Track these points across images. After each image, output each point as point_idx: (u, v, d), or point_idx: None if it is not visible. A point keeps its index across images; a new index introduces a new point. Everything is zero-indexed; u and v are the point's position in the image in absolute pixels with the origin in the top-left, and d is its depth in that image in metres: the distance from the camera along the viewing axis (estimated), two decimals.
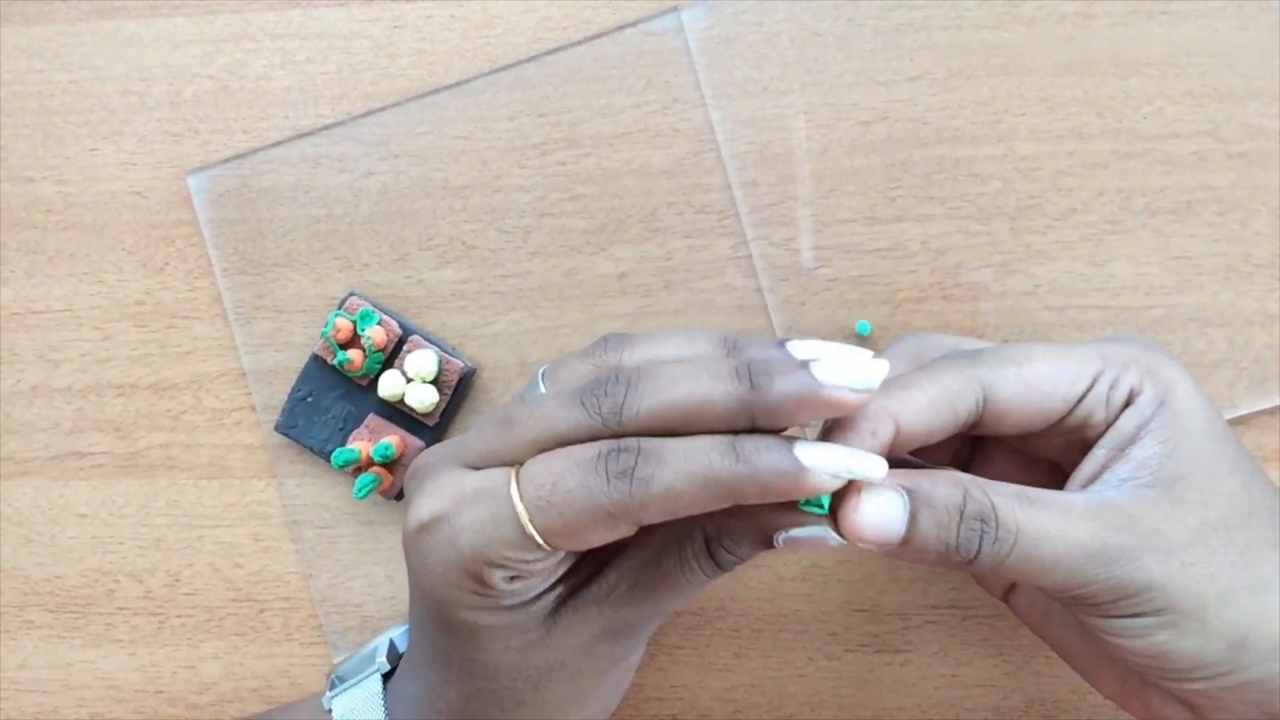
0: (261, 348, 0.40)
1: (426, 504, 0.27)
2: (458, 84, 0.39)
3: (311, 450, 0.39)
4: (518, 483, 0.26)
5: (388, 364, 0.38)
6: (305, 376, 0.39)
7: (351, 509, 0.40)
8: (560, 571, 0.28)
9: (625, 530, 0.26)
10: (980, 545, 0.25)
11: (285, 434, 0.39)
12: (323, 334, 0.38)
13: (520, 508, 0.25)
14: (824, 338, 0.37)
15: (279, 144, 0.40)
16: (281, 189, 0.40)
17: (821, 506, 0.26)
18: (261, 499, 0.40)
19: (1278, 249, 0.36)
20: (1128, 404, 0.27)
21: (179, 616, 0.40)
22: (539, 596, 0.28)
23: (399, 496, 0.39)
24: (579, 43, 0.39)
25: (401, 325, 0.38)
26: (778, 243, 0.38)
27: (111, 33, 0.41)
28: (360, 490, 0.37)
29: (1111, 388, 0.27)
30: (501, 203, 0.39)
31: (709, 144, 0.38)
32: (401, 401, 0.38)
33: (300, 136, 0.40)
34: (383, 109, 0.39)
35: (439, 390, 0.38)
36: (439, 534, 0.27)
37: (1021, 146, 0.37)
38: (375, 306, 0.38)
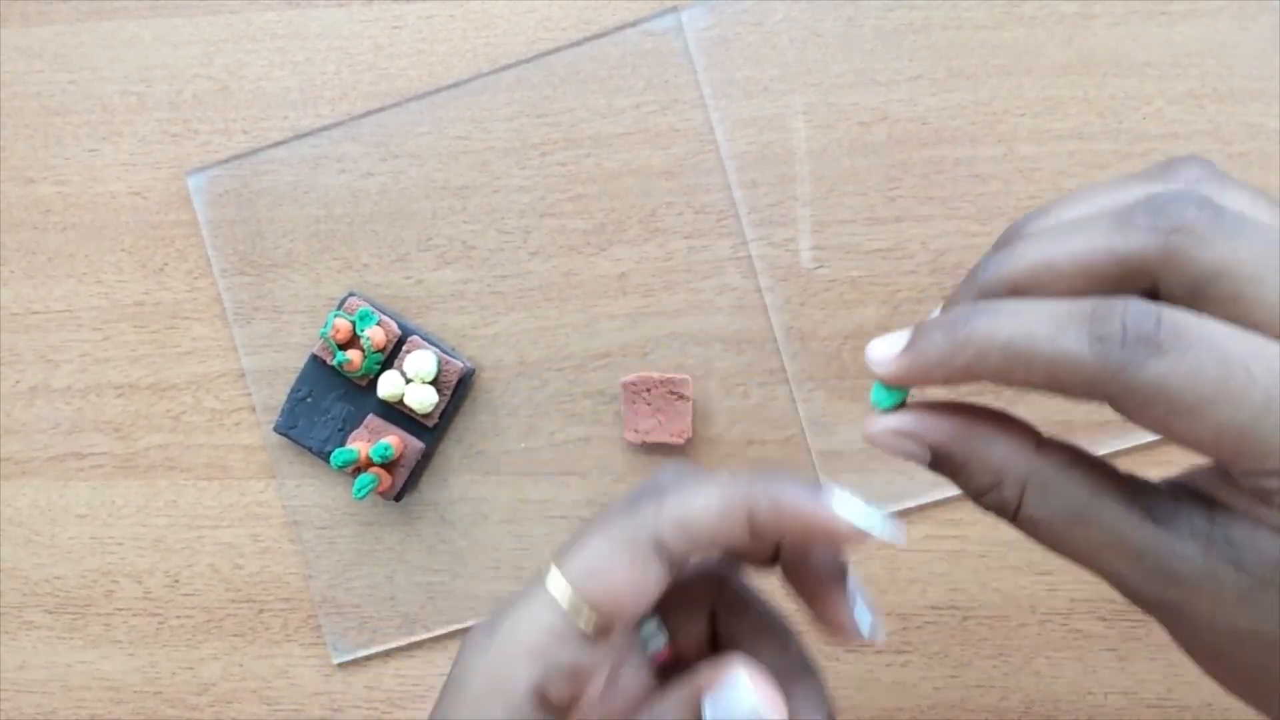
0: (261, 348, 0.40)
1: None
2: (457, 84, 0.39)
3: (311, 451, 0.39)
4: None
5: (387, 364, 0.38)
6: (305, 377, 0.39)
7: (351, 509, 0.40)
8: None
9: (659, 574, 0.24)
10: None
11: (285, 434, 0.39)
12: (322, 334, 0.38)
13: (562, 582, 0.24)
14: (822, 338, 0.37)
15: (278, 144, 0.40)
16: (281, 189, 0.40)
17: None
18: (261, 499, 0.40)
19: None
20: None
21: (178, 617, 0.40)
22: None
23: (398, 497, 0.39)
24: (579, 43, 0.39)
25: (401, 325, 0.38)
26: (777, 243, 0.38)
27: (111, 33, 0.41)
28: (360, 490, 0.37)
29: None
30: (501, 203, 0.39)
31: (708, 144, 0.38)
32: (401, 402, 0.38)
33: (300, 137, 0.40)
34: (382, 109, 0.39)
35: (438, 390, 0.38)
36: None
37: (1021, 147, 0.37)
38: (374, 307, 0.38)
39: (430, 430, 0.38)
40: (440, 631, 0.39)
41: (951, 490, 0.37)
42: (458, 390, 0.38)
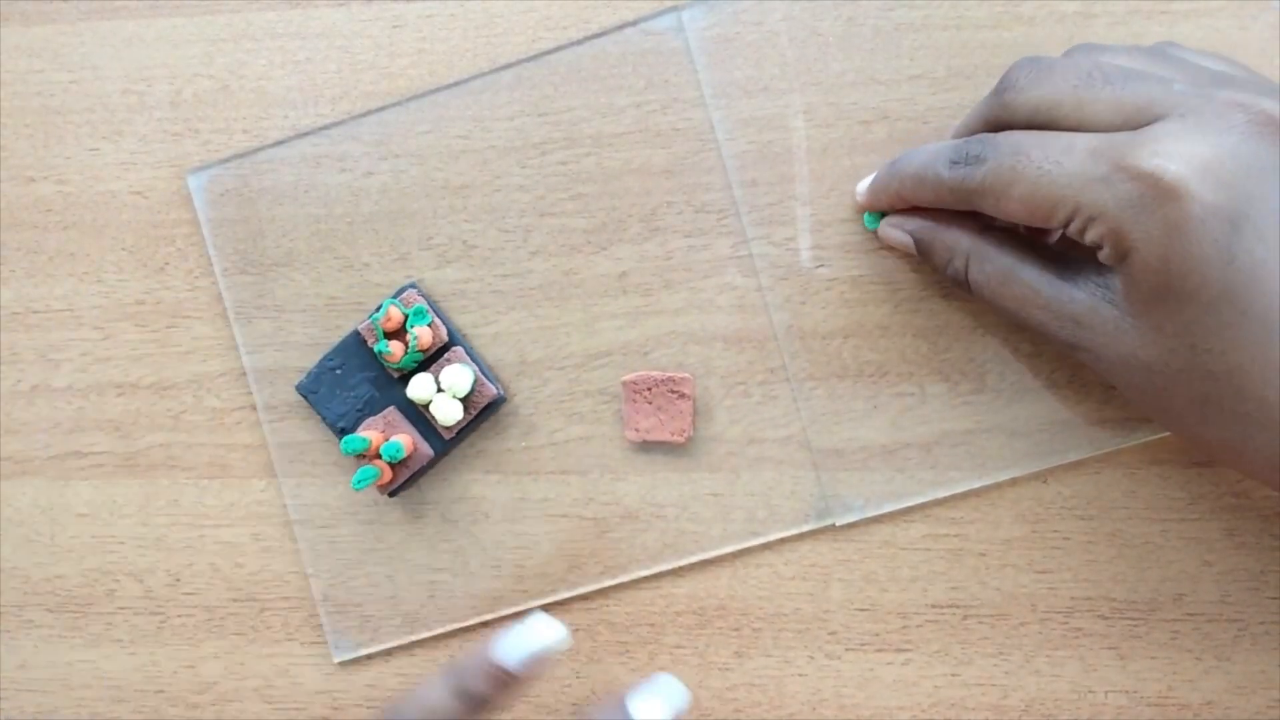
0: (262, 347, 0.40)
1: None
2: (458, 83, 0.39)
3: (324, 421, 0.39)
4: None
5: (424, 365, 0.38)
6: (341, 349, 0.39)
7: (352, 508, 0.40)
8: None
9: None
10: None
11: (305, 396, 0.39)
12: (372, 319, 0.37)
13: None
14: (823, 337, 0.37)
15: (279, 143, 0.40)
16: (282, 188, 0.40)
17: None
18: (262, 498, 0.40)
19: None
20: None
21: (179, 616, 0.40)
22: None
23: (394, 493, 0.39)
24: (579, 42, 0.39)
25: (450, 333, 0.38)
26: (778, 242, 0.38)
27: (111, 33, 0.41)
28: (359, 482, 0.37)
29: (1083, 230, 0.29)
30: (501, 202, 0.39)
31: (709, 143, 0.38)
32: (426, 407, 0.38)
33: (300, 136, 0.40)
34: (383, 108, 0.39)
35: (465, 408, 0.38)
36: None
37: None
38: (431, 307, 0.38)
39: (444, 441, 0.38)
40: (441, 630, 0.39)
41: (950, 489, 0.37)
42: (483, 413, 0.38)
